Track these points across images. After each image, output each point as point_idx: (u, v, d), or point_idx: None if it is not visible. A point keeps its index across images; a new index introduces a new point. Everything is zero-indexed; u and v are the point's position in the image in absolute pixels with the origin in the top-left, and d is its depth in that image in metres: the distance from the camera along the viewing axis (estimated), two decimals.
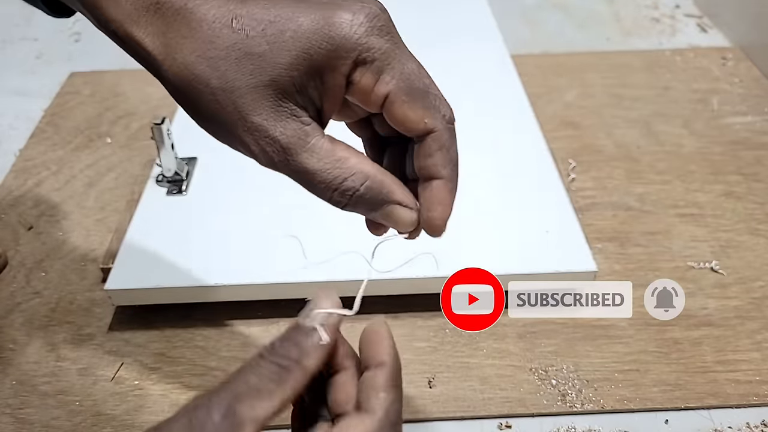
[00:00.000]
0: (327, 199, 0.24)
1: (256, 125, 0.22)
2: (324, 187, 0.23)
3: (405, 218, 0.24)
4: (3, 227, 0.54)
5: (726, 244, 0.51)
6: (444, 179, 0.24)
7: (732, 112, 0.65)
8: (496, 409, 0.40)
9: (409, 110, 0.22)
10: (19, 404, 0.41)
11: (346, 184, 0.23)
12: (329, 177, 0.23)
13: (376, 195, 0.23)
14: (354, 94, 0.22)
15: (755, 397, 0.40)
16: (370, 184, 0.23)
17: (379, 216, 0.24)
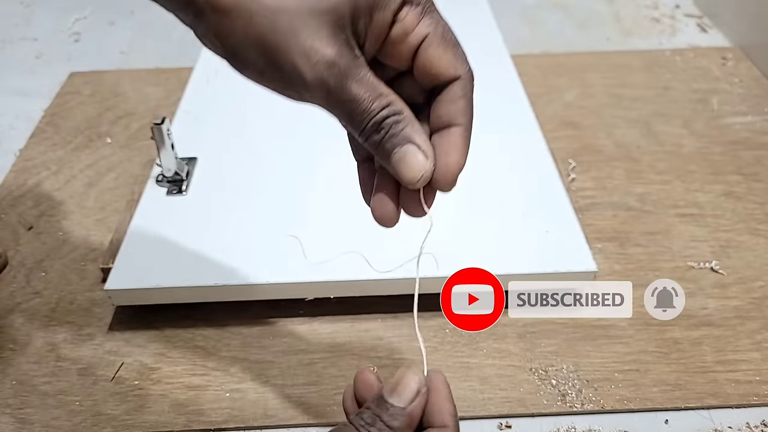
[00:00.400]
0: (361, 128, 0.23)
1: (315, 48, 0.22)
2: (364, 116, 0.23)
3: (420, 163, 0.23)
4: (3, 227, 0.54)
5: (726, 244, 0.51)
6: (462, 126, 0.24)
7: (732, 112, 0.65)
8: (496, 409, 0.40)
9: (443, 54, 0.23)
10: (20, 404, 0.41)
11: (383, 113, 0.23)
12: (372, 106, 0.23)
13: (402, 131, 0.23)
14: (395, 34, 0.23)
15: (755, 397, 0.40)
16: (402, 119, 0.23)
17: (395, 159, 0.23)
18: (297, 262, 0.44)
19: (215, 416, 0.40)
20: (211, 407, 0.40)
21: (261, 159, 0.54)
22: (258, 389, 0.41)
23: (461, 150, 0.24)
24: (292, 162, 0.53)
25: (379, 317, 0.45)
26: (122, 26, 0.85)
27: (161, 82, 0.70)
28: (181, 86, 0.64)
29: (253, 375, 0.42)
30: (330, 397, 0.40)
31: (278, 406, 0.40)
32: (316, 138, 0.56)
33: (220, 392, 0.41)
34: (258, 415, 0.40)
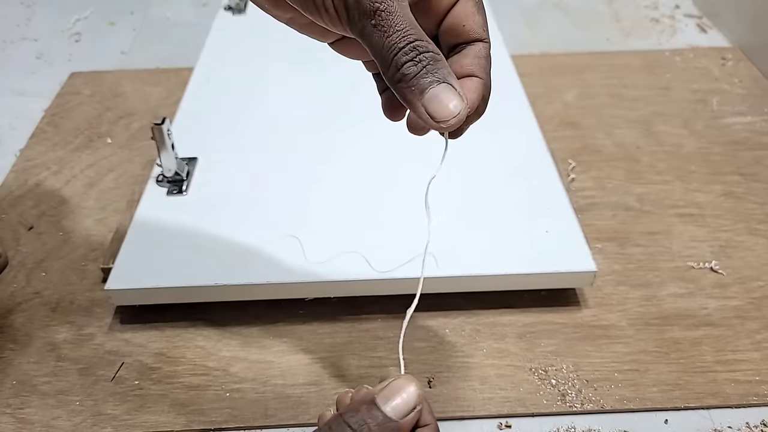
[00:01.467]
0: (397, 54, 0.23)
1: None
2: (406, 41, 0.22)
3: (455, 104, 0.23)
4: (3, 227, 0.54)
5: (726, 244, 0.51)
6: (483, 80, 0.25)
7: (732, 112, 0.65)
8: (495, 408, 0.40)
9: (476, 15, 0.25)
10: (20, 404, 0.41)
11: (424, 45, 0.23)
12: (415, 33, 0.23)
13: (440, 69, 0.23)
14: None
15: (755, 397, 0.40)
16: (440, 59, 0.23)
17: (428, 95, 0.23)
18: (297, 262, 0.44)
19: (215, 416, 0.40)
20: (212, 407, 0.40)
21: (261, 159, 0.54)
22: (258, 389, 0.41)
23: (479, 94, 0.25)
24: (293, 162, 0.53)
25: (379, 317, 0.45)
26: (123, 26, 0.85)
27: (162, 82, 0.71)
28: (181, 86, 0.64)
29: (253, 375, 0.42)
30: (330, 397, 0.40)
31: (278, 406, 0.40)
32: (317, 138, 0.56)
33: (220, 392, 0.41)
34: (258, 415, 0.40)
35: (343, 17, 0.23)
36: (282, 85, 0.63)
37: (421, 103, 0.23)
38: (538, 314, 0.45)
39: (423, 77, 0.23)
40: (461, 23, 0.25)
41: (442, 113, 0.23)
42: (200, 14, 0.87)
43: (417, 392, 0.23)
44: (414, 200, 0.49)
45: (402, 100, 0.24)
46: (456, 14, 0.25)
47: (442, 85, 0.23)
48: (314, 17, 0.24)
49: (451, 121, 0.23)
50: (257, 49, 0.69)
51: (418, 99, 0.23)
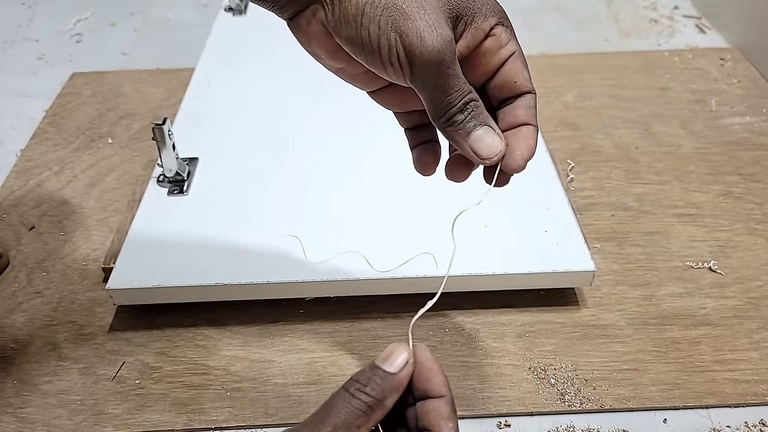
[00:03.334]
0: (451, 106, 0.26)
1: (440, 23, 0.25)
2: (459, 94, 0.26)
3: (495, 142, 0.27)
4: (5, 227, 0.54)
5: (724, 244, 0.51)
6: (535, 127, 0.29)
7: (730, 112, 0.66)
8: (495, 408, 0.40)
9: (524, 70, 0.28)
10: (21, 403, 0.41)
11: (471, 96, 0.27)
12: (465, 87, 0.26)
13: (481, 115, 0.27)
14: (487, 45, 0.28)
15: (753, 397, 0.40)
16: (480, 106, 0.27)
17: (473, 137, 0.27)
18: (297, 262, 0.44)
19: (216, 415, 0.40)
20: (212, 406, 0.40)
21: (262, 159, 0.54)
22: (258, 388, 0.41)
23: (535, 140, 0.29)
24: (293, 162, 0.54)
25: (379, 317, 0.46)
26: (124, 27, 0.86)
27: (162, 82, 0.71)
28: (182, 87, 0.64)
29: (254, 374, 0.42)
30: None
31: (278, 406, 0.40)
32: (317, 138, 0.56)
33: (220, 391, 0.41)
34: (258, 414, 0.40)
35: (406, 71, 0.26)
36: (282, 85, 0.63)
37: (467, 143, 0.27)
38: (537, 314, 0.46)
39: (468, 123, 0.27)
40: (513, 80, 0.28)
41: (486, 152, 0.27)
42: (201, 15, 0.87)
43: (405, 350, 0.26)
44: (414, 200, 0.50)
45: (451, 141, 0.27)
46: (506, 73, 0.28)
47: (485, 128, 0.27)
48: (378, 70, 0.27)
49: (494, 158, 0.27)
50: (258, 50, 0.69)
51: (465, 140, 0.27)
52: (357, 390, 0.26)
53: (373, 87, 0.30)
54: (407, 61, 0.25)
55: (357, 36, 0.26)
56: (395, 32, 0.25)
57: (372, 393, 0.25)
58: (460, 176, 0.31)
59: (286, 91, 0.62)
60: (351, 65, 0.28)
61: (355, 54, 0.27)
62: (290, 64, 0.65)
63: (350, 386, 0.26)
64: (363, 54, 0.26)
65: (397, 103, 0.31)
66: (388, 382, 0.26)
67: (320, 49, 0.28)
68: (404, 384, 0.26)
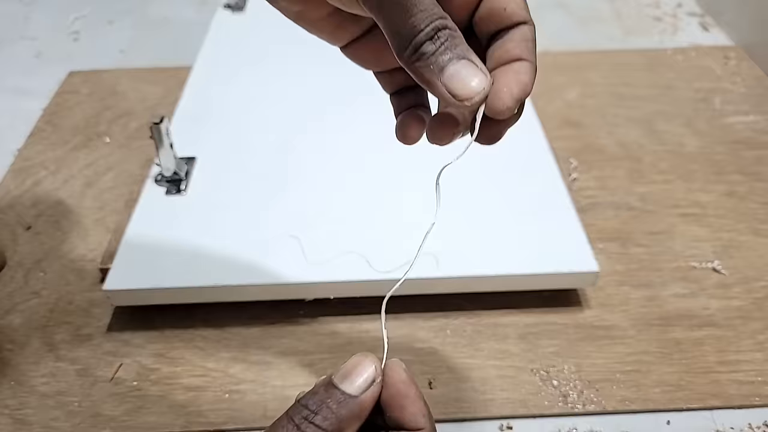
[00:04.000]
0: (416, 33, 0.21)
1: None
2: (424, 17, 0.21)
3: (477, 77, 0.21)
4: (1, 227, 0.53)
5: (728, 244, 0.51)
6: (532, 63, 0.23)
7: (734, 111, 0.65)
8: (497, 410, 0.40)
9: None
10: (18, 405, 0.41)
11: (441, 22, 0.21)
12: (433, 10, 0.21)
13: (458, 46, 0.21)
14: None
15: (757, 398, 0.40)
16: (457, 36, 0.22)
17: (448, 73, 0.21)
18: (297, 262, 0.44)
19: (214, 417, 0.40)
20: (211, 408, 0.40)
21: (261, 159, 0.53)
22: (257, 390, 0.41)
23: (530, 77, 0.23)
24: (292, 162, 0.53)
25: (378, 317, 0.45)
26: (121, 25, 0.85)
27: (160, 81, 0.70)
28: (180, 85, 0.63)
29: (253, 376, 0.42)
30: None
31: (278, 407, 0.40)
32: (317, 138, 0.56)
33: (219, 393, 0.41)
34: (257, 416, 0.40)
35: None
36: (282, 83, 0.62)
37: (441, 82, 0.21)
38: (539, 315, 0.45)
39: (440, 55, 0.21)
40: (502, 7, 0.23)
41: (464, 91, 0.21)
42: (199, 13, 0.87)
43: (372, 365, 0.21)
44: (414, 201, 0.49)
45: (420, 81, 0.22)
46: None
47: (462, 61, 0.21)
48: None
49: (475, 98, 0.21)
50: (256, 48, 0.68)
51: (438, 77, 0.21)
52: (304, 420, 0.20)
53: (343, 39, 0.26)
54: None
55: None
56: None
57: (323, 424, 0.20)
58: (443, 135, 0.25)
59: (285, 89, 0.62)
60: (308, 5, 0.24)
61: None
62: (289, 61, 0.65)
63: (295, 414, 0.20)
64: None
65: (373, 58, 0.26)
66: (347, 408, 0.20)
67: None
68: (367, 410, 0.21)
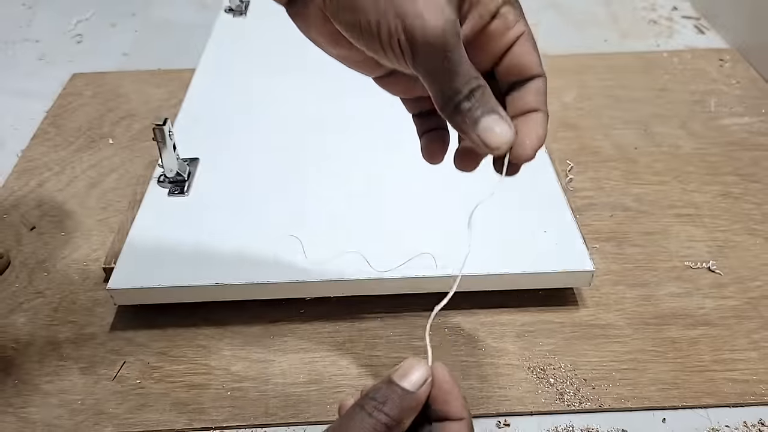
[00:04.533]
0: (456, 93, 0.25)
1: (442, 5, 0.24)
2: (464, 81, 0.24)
3: (505, 131, 0.25)
4: (5, 227, 0.54)
5: (723, 244, 0.51)
6: (545, 113, 0.27)
7: (729, 113, 0.66)
8: (494, 407, 0.40)
9: (534, 52, 0.27)
10: (22, 403, 0.41)
11: (477, 82, 0.25)
12: (472, 73, 0.25)
13: (488, 102, 0.25)
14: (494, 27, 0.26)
15: (752, 396, 0.41)
16: (487, 92, 0.25)
17: (481, 126, 0.25)
18: (297, 262, 0.44)
19: (216, 415, 0.40)
20: (213, 406, 0.41)
21: (262, 159, 0.54)
22: (259, 388, 0.41)
23: (544, 128, 0.27)
24: (293, 162, 0.54)
25: (379, 317, 0.46)
26: (124, 28, 0.86)
27: (163, 83, 0.71)
28: (183, 87, 0.64)
29: (254, 374, 0.42)
30: (330, 396, 0.41)
31: (279, 405, 0.40)
32: (317, 138, 0.56)
33: (221, 391, 0.41)
34: (259, 414, 0.40)
35: (408, 56, 0.24)
36: (283, 86, 0.63)
37: (475, 134, 0.25)
38: (536, 314, 0.46)
39: (475, 111, 0.25)
40: (521, 63, 0.26)
41: (494, 142, 0.25)
42: (201, 16, 0.87)
43: (424, 367, 0.25)
44: (414, 200, 0.50)
45: (458, 129, 0.26)
46: (515, 55, 0.27)
47: (493, 116, 0.25)
48: (378, 54, 0.25)
49: (503, 147, 0.26)
50: (258, 51, 0.69)
51: (473, 129, 0.25)
52: (374, 408, 0.24)
53: (378, 73, 0.29)
54: (408, 44, 0.24)
55: (356, 21, 0.24)
56: (395, 15, 0.24)
57: (390, 413, 0.24)
58: (469, 165, 0.30)
59: (286, 91, 0.62)
60: (352, 52, 0.27)
61: (354, 39, 0.26)
62: (291, 64, 0.66)
63: (366, 404, 0.25)
64: (362, 39, 0.25)
65: (403, 89, 0.30)
66: (407, 401, 0.25)
67: (319, 36, 0.27)
68: (422, 403, 0.25)
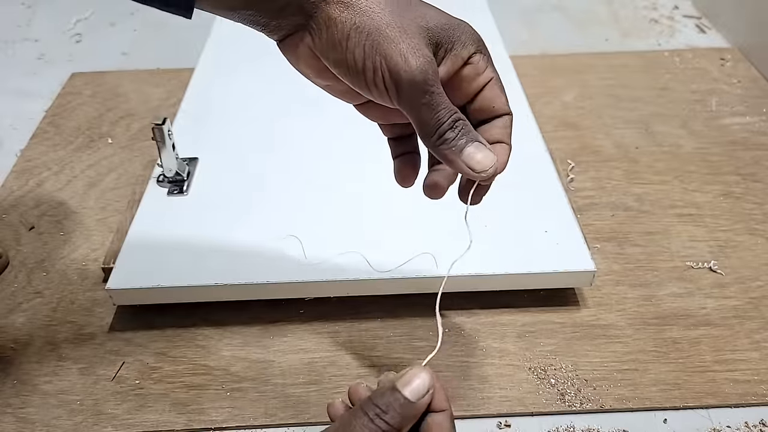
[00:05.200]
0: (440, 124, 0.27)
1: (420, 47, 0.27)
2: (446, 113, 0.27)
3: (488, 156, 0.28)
4: (4, 227, 0.54)
5: (724, 244, 0.51)
6: (509, 146, 0.30)
7: (730, 112, 0.66)
8: (495, 408, 0.40)
9: (501, 95, 0.30)
10: (21, 403, 0.41)
11: (458, 115, 0.28)
12: (451, 106, 0.28)
13: (471, 132, 0.28)
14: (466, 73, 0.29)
15: (753, 397, 0.40)
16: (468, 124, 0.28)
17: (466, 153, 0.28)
18: (297, 262, 0.44)
19: (216, 415, 0.40)
20: (212, 406, 0.40)
21: (261, 159, 0.54)
22: (258, 388, 0.41)
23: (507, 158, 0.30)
24: (293, 162, 0.54)
25: (378, 317, 0.46)
26: (123, 27, 0.86)
27: (162, 82, 0.71)
28: (182, 87, 0.64)
29: (254, 374, 0.42)
30: (330, 396, 0.41)
31: (278, 405, 0.40)
32: (317, 138, 0.56)
33: (220, 391, 0.41)
34: (258, 414, 0.40)
35: (392, 94, 0.27)
36: (283, 85, 0.63)
37: (461, 160, 0.28)
38: (537, 314, 0.46)
39: (460, 139, 0.28)
40: (491, 105, 0.30)
41: (479, 166, 0.28)
42: (201, 15, 0.87)
43: (429, 377, 0.27)
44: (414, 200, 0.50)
45: (443, 159, 0.28)
46: (485, 98, 0.30)
47: (475, 143, 0.28)
48: (363, 91, 0.28)
49: (489, 170, 0.28)
50: (257, 50, 0.69)
51: (458, 156, 0.28)
52: (376, 416, 0.26)
53: (359, 101, 0.32)
54: (392, 82, 0.26)
55: (343, 59, 0.27)
56: (380, 55, 0.26)
57: (391, 421, 0.25)
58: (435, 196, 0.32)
59: (285, 90, 0.62)
60: (338, 83, 0.30)
61: (341, 76, 0.28)
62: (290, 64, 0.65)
63: (369, 410, 0.26)
64: (349, 76, 0.28)
65: (381, 115, 0.32)
66: (408, 410, 0.26)
67: (308, 69, 0.30)
68: (421, 412, 0.26)
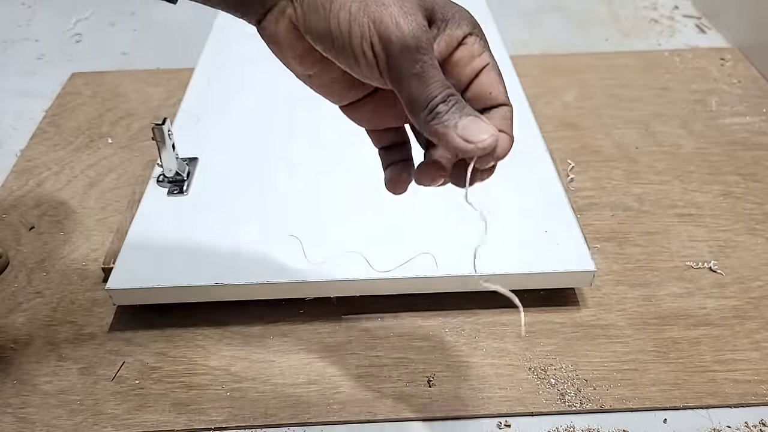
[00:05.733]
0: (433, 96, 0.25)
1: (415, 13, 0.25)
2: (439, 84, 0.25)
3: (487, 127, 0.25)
4: (4, 227, 0.54)
5: (724, 244, 0.51)
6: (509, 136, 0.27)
7: (730, 112, 0.66)
8: (495, 408, 0.40)
9: (500, 83, 0.27)
10: (21, 403, 0.41)
11: (451, 89, 0.25)
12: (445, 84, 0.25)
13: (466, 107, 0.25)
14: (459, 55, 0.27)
15: (753, 397, 0.40)
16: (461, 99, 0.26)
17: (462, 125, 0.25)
18: (297, 262, 0.44)
19: (216, 415, 0.40)
20: (212, 406, 0.40)
21: (261, 159, 0.54)
22: (259, 388, 0.41)
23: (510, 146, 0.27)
24: (293, 162, 0.54)
25: (379, 317, 0.46)
26: (123, 27, 0.86)
27: (162, 82, 0.71)
28: (182, 87, 0.64)
29: (254, 374, 0.42)
30: (330, 396, 0.41)
31: (279, 405, 0.40)
32: (317, 138, 0.56)
33: (220, 391, 0.41)
34: (258, 414, 0.40)
35: (381, 63, 0.24)
36: (283, 85, 0.63)
37: (456, 133, 0.25)
38: (537, 314, 0.46)
39: (454, 113, 0.25)
40: (488, 91, 0.27)
41: (477, 136, 0.25)
42: (201, 15, 0.87)
43: None
44: (414, 200, 0.50)
45: (434, 136, 0.25)
46: (481, 84, 0.27)
47: (472, 117, 0.25)
48: (350, 64, 0.25)
49: (488, 140, 0.24)
50: (258, 50, 0.69)
51: (453, 130, 0.25)
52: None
53: (346, 99, 0.30)
54: (382, 48, 0.24)
55: (327, 27, 0.25)
56: (368, 17, 0.24)
57: None
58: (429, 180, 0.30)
59: (286, 90, 0.62)
60: (322, 70, 0.28)
61: (325, 50, 0.26)
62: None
63: None
64: (334, 48, 0.25)
65: (370, 118, 0.30)
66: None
67: (290, 52, 0.28)
68: None
